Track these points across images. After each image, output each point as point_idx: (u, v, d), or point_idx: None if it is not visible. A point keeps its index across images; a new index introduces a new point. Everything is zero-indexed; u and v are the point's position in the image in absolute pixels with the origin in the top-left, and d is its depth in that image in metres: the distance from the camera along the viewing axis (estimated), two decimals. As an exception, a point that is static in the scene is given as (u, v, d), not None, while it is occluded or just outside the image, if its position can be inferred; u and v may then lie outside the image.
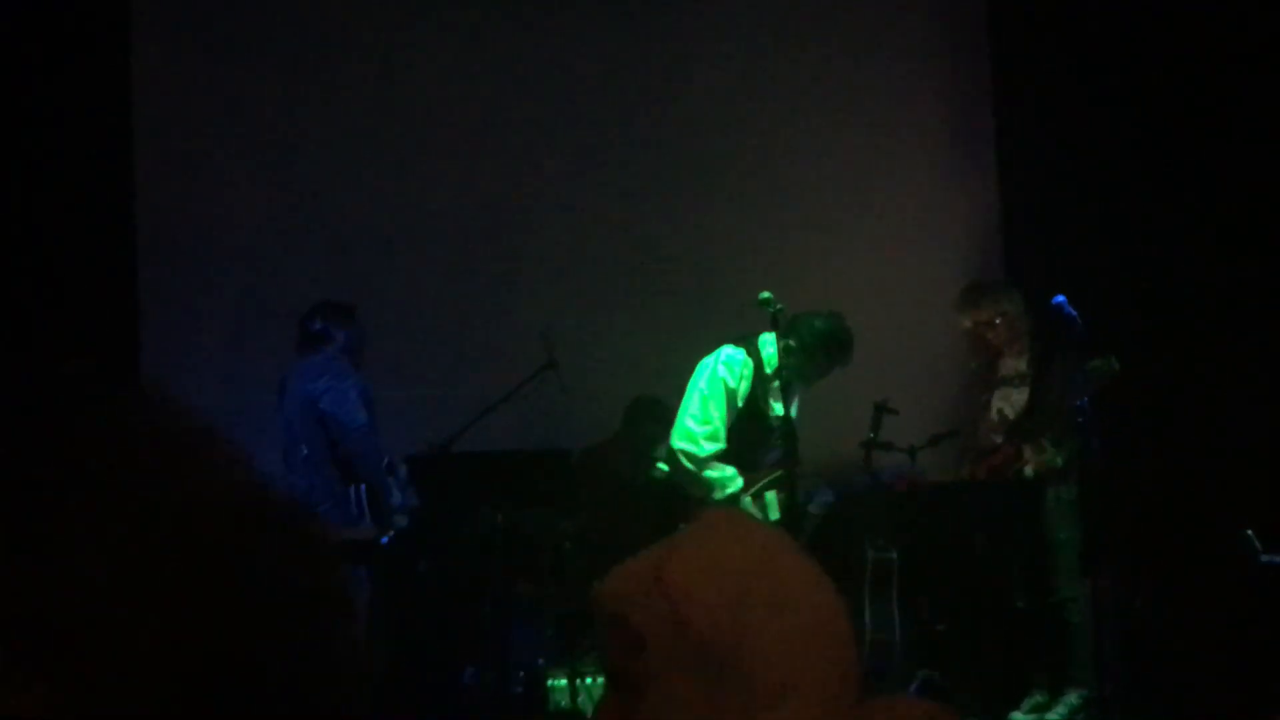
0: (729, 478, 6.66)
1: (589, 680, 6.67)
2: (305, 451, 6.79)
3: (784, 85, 8.55)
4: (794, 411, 6.73)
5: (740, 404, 6.68)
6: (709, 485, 6.65)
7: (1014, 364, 7.10)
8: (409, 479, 7.03)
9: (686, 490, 6.65)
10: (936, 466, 7.25)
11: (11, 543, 0.63)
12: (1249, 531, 6.21)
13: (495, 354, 7.92)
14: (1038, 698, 6.94)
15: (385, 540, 6.72)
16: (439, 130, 8.35)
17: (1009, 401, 7.06)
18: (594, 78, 8.46)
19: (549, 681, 6.73)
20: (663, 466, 6.94)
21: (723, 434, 6.65)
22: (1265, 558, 6.19)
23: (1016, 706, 6.96)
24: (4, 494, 0.64)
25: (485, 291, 8.25)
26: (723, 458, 6.67)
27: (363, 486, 6.87)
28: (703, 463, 6.64)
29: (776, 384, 6.68)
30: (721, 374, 6.68)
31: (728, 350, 6.73)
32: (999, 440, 7.05)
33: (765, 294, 6.46)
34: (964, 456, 7.25)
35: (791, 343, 6.59)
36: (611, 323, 8.14)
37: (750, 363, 6.70)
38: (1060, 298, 6.23)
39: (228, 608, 0.66)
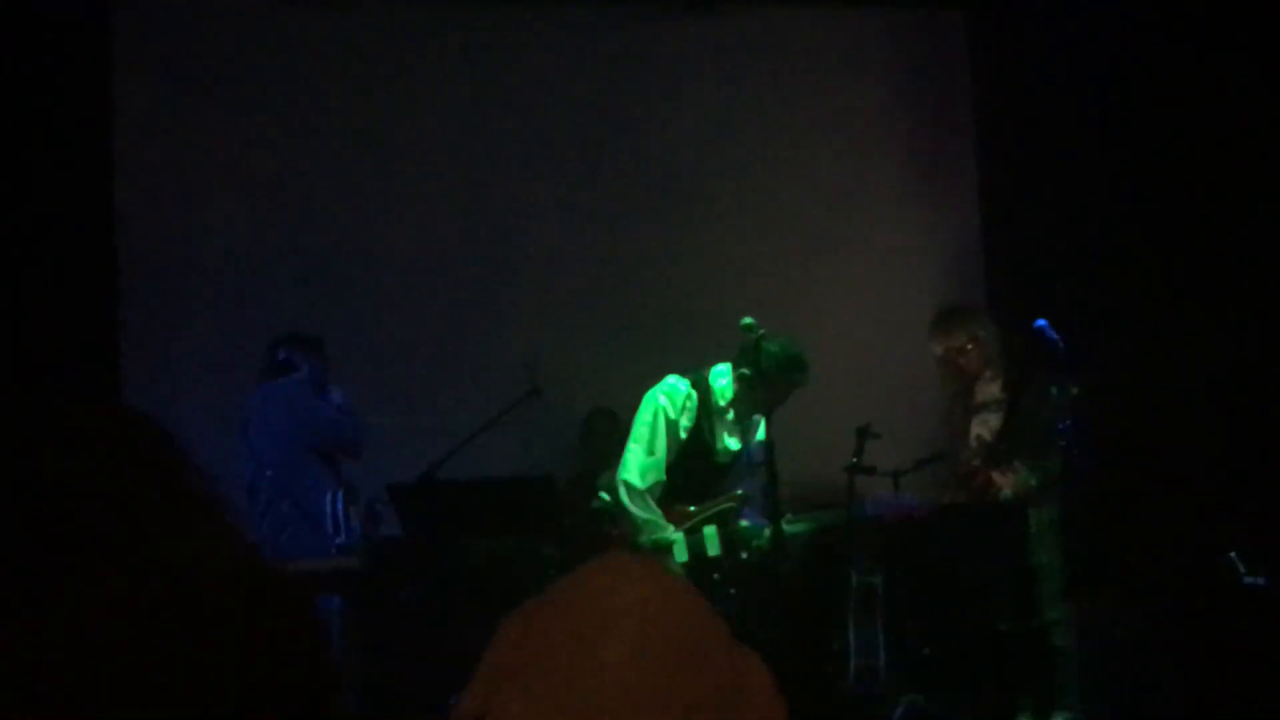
0: (657, 524, 6.53)
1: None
2: (270, 475, 6.81)
3: (766, 112, 8.57)
4: (759, 436, 6.54)
5: (683, 436, 6.59)
6: (636, 525, 6.54)
7: (989, 389, 7.11)
8: (393, 507, 7.00)
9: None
10: (921, 491, 7.25)
11: (6, 589, 0.63)
12: (1232, 554, 6.22)
13: (479, 382, 7.92)
14: (1023, 721, 6.93)
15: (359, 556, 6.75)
16: (423, 157, 8.35)
17: (987, 426, 7.07)
18: (577, 105, 8.47)
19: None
20: (604, 496, 6.89)
21: (663, 466, 6.56)
22: (1248, 579, 6.20)
23: (1002, 730, 6.95)
24: (5, 540, 0.64)
25: (469, 319, 8.24)
26: (667, 491, 6.58)
27: (340, 493, 6.87)
28: (637, 496, 6.53)
29: (730, 416, 6.62)
30: (663, 403, 6.58)
31: (670, 380, 6.64)
32: (978, 464, 7.05)
33: (747, 319, 6.44)
34: (949, 481, 7.26)
35: (747, 371, 6.52)
36: (595, 350, 8.14)
37: (694, 395, 6.60)
38: (1042, 321, 6.24)
39: (220, 673, 0.66)
